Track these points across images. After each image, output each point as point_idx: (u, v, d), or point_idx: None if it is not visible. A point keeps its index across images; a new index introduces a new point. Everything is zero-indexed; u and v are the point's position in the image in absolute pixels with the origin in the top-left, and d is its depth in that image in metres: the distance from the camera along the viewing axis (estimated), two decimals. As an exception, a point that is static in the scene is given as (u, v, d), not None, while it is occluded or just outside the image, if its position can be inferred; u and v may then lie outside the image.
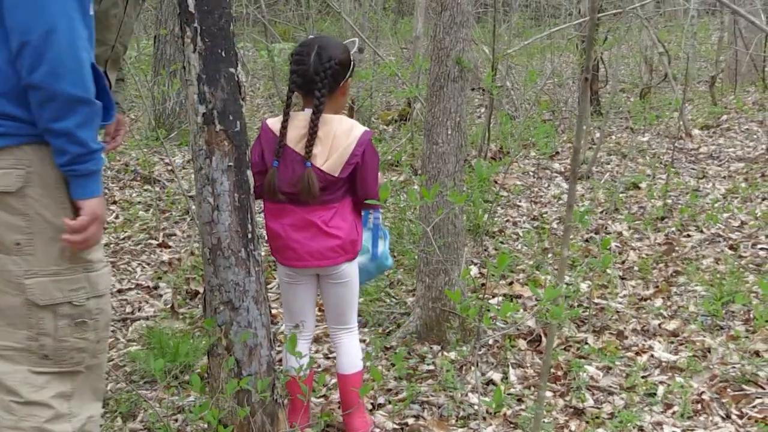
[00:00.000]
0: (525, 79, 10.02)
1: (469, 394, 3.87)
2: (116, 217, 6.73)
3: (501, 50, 8.73)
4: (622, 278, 5.38)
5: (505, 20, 12.68)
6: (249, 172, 3.10)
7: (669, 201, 6.91)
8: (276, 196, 3.28)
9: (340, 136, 3.26)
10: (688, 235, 6.17)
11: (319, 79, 3.26)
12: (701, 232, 6.23)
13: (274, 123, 3.35)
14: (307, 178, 3.21)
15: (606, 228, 6.34)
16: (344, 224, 3.35)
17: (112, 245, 6.03)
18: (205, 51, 2.95)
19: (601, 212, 6.77)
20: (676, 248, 5.86)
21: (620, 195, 7.13)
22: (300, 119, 3.29)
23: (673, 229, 6.29)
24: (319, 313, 4.32)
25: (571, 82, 11.90)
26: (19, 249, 2.35)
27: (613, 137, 9.70)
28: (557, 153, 8.82)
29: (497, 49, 8.23)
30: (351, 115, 8.08)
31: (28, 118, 2.32)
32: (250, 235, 3.11)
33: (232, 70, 3.00)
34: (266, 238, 3.46)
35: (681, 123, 9.18)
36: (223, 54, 2.98)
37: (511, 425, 3.62)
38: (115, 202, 7.06)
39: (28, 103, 2.30)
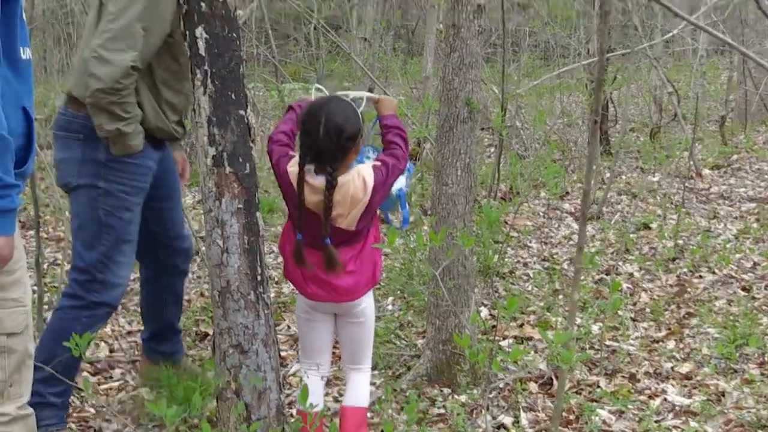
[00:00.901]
0: (534, 119, 10.03)
1: (480, 438, 3.83)
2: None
3: (510, 90, 8.75)
4: (634, 320, 5.34)
5: (514, 60, 12.72)
6: (259, 214, 3.09)
7: (680, 241, 6.88)
8: (305, 265, 3.25)
9: (356, 194, 3.22)
10: (700, 276, 6.13)
11: (330, 153, 3.15)
12: (713, 273, 6.19)
13: (293, 175, 3.27)
14: (328, 256, 3.19)
15: (617, 269, 6.30)
16: (366, 262, 3.35)
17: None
18: (215, 93, 2.96)
19: (612, 253, 6.73)
20: (688, 289, 5.82)
21: (631, 235, 7.10)
22: (316, 186, 3.20)
23: (685, 270, 6.26)
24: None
25: (580, 122, 11.91)
26: None
27: (624, 177, 9.69)
28: (567, 193, 8.81)
29: (506, 89, 8.24)
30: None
31: None
32: (259, 278, 3.10)
33: (242, 112, 3.01)
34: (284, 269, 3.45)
35: (691, 163, 9.17)
36: (233, 96, 2.98)
37: (523, 470, 3.58)
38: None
39: None
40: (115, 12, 3.39)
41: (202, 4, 2.88)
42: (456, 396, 4.25)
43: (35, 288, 4.95)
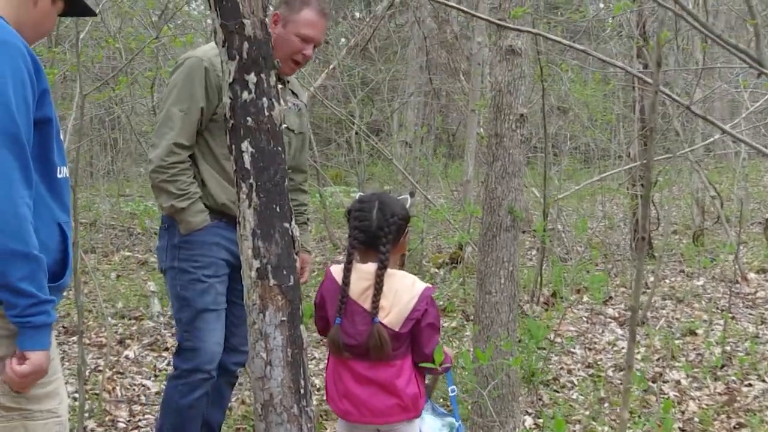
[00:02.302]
0: (576, 224, 10.01)
1: None
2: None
3: (551, 194, 8.76)
4: (683, 430, 5.22)
5: (555, 163, 12.76)
6: (302, 327, 3.08)
7: (728, 348, 6.76)
8: (341, 352, 3.28)
9: (402, 291, 3.26)
10: (750, 385, 5.99)
11: (383, 234, 3.31)
12: (763, 381, 6.05)
13: (338, 272, 3.37)
14: (377, 334, 3.21)
15: (663, 376, 6.18)
16: (406, 382, 3.31)
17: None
18: (260, 206, 2.97)
19: (658, 359, 6.62)
20: (738, 398, 5.68)
21: (677, 342, 6.98)
22: (363, 272, 3.31)
23: (734, 378, 6.12)
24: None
25: (622, 225, 11.86)
26: None
27: (667, 281, 9.58)
28: (610, 298, 8.72)
29: (548, 193, 8.25)
30: (403, 263, 8.09)
31: None
32: (302, 391, 3.06)
33: (286, 224, 3.01)
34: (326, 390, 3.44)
35: (736, 267, 9.06)
36: (278, 209, 3.00)
37: None
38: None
39: None
40: (160, 106, 3.98)
41: (249, 118, 2.92)
42: None
43: (76, 395, 4.96)
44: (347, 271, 3.32)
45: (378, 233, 3.31)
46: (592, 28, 13.13)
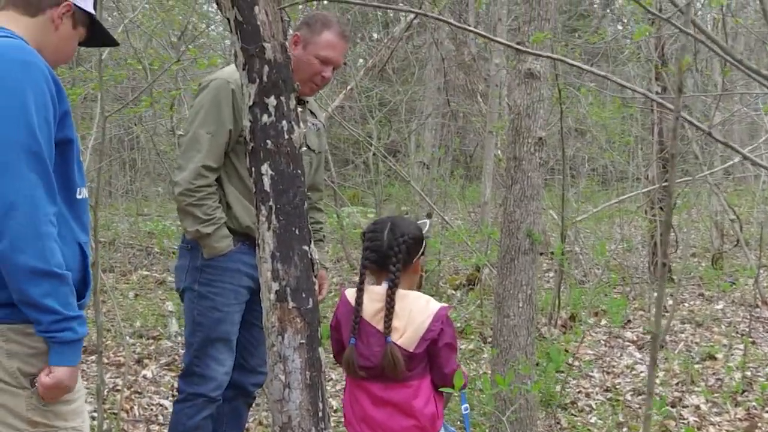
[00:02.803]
0: (593, 245, 9.97)
1: None
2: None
3: (569, 217, 8.73)
4: (702, 456, 5.18)
5: (573, 185, 12.75)
6: (321, 349, 3.08)
7: (748, 373, 6.70)
8: (356, 373, 3.29)
9: (416, 311, 3.26)
10: (770, 410, 5.95)
11: (393, 253, 3.31)
12: (784, 407, 6.00)
13: (352, 295, 3.38)
14: (390, 353, 3.21)
15: (683, 401, 6.14)
16: (424, 403, 3.30)
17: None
18: (279, 229, 2.98)
19: (677, 384, 6.57)
20: (759, 424, 5.64)
21: (696, 366, 6.93)
22: (375, 293, 3.32)
23: (754, 403, 6.07)
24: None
25: (640, 247, 11.82)
26: None
27: (686, 305, 9.53)
28: (629, 321, 8.67)
29: (566, 215, 8.23)
30: (420, 284, 8.09)
31: (5, 298, 2.47)
32: (321, 414, 3.06)
33: (305, 247, 3.02)
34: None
35: (756, 290, 9.01)
36: (297, 232, 3.00)
37: None
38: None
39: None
40: (185, 128, 3.96)
41: (268, 141, 2.93)
42: None
43: (95, 415, 4.96)
44: (359, 292, 3.34)
45: (388, 253, 3.32)
46: (610, 50, 13.14)
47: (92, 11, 2.80)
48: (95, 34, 2.89)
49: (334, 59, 3.96)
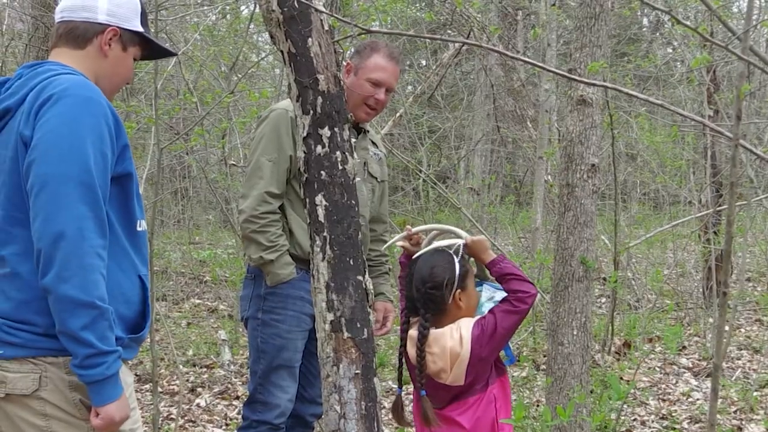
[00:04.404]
0: (646, 270, 9.87)
1: None
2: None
3: (621, 242, 8.65)
4: (763, 486, 5.08)
5: (624, 209, 12.64)
6: (376, 380, 3.08)
7: (808, 400, 6.58)
8: (430, 423, 3.27)
9: (453, 349, 3.23)
10: (831, 439, 5.83)
11: (419, 304, 3.31)
12: None
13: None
14: (423, 408, 3.22)
15: (742, 430, 6.03)
16: (483, 420, 3.28)
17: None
18: (333, 259, 2.99)
19: (735, 411, 6.46)
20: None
21: (755, 394, 6.81)
22: (413, 337, 3.33)
23: (815, 431, 5.95)
24: None
25: (694, 272, 11.67)
26: None
27: (743, 330, 9.37)
28: (684, 347, 8.55)
29: (618, 240, 8.15)
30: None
31: (46, 328, 2.49)
32: (376, 444, 3.06)
33: (360, 277, 3.03)
34: None
35: (814, 316, 8.84)
36: (352, 262, 3.01)
37: None
38: (237, 398, 7.11)
39: (49, 311, 2.46)
40: (248, 158, 4.04)
41: (323, 172, 2.95)
42: None
43: (151, 444, 5.00)
44: (402, 337, 3.36)
45: (415, 304, 3.33)
46: (660, 74, 13.04)
47: (140, 29, 2.82)
48: (152, 50, 2.94)
49: (385, 80, 3.99)
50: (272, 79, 12.22)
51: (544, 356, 4.66)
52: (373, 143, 4.28)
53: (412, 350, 3.31)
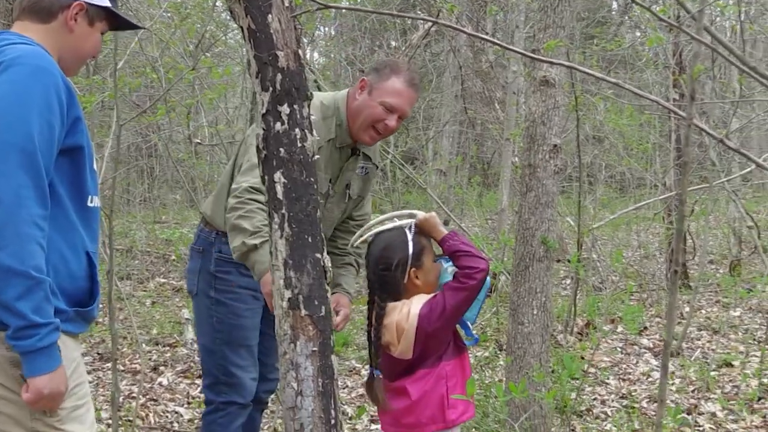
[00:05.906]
0: (611, 252, 9.94)
1: None
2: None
3: (586, 224, 8.72)
4: (719, 464, 5.15)
5: (590, 191, 12.72)
6: (333, 357, 3.08)
7: (765, 380, 6.66)
8: (379, 402, 3.30)
9: (399, 323, 3.26)
10: (787, 418, 5.91)
11: (377, 286, 3.33)
12: (801, 414, 5.96)
13: None
14: (375, 389, 3.29)
15: (698, 408, 6.11)
16: (431, 395, 3.31)
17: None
18: (292, 237, 2.98)
19: (693, 391, 6.54)
20: (775, 432, 5.61)
21: (712, 373, 6.90)
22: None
23: (771, 411, 6.04)
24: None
25: (658, 254, 11.77)
26: None
27: (703, 311, 9.47)
28: (645, 328, 8.63)
29: (583, 222, 8.21)
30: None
31: None
32: (333, 421, 3.06)
33: (318, 255, 3.02)
34: None
35: (774, 298, 8.96)
36: (310, 240, 3.01)
37: None
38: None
39: None
40: (247, 158, 3.72)
41: (281, 149, 2.95)
42: None
43: (110, 422, 4.99)
44: (368, 320, 3.39)
45: (372, 284, 3.35)
46: (628, 57, 13.10)
47: (106, 3, 2.79)
48: (119, 23, 2.91)
49: (400, 107, 3.74)
50: (240, 58, 12.15)
51: (507, 337, 4.71)
52: (367, 156, 4.04)
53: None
